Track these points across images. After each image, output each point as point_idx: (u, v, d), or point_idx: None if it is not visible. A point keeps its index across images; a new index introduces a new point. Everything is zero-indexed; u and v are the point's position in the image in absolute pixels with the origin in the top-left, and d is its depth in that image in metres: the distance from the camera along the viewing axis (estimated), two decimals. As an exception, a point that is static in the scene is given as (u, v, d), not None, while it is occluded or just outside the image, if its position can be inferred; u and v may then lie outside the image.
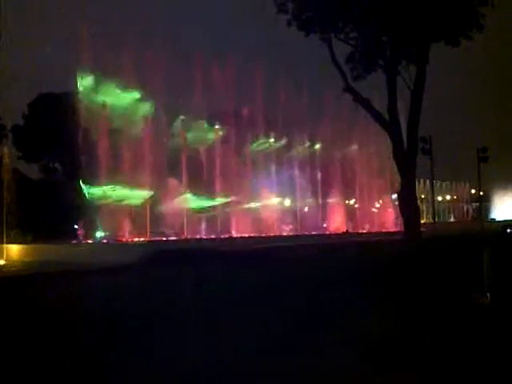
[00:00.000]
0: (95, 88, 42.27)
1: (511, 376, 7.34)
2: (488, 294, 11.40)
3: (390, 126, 36.76)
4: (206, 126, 49.42)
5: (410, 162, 36.63)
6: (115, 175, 40.66)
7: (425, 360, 8.13)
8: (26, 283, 21.16)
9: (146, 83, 43.45)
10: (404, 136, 36.81)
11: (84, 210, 40.87)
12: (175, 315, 11.97)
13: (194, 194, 46.11)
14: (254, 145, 51.87)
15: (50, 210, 43.24)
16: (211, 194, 47.69)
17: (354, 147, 59.70)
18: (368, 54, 36.74)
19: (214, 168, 47.73)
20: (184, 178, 45.25)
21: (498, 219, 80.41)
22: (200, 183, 46.27)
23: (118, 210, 41.42)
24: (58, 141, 43.84)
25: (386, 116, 36.95)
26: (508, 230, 44.66)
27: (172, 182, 45.23)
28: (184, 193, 45.34)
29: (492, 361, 7.97)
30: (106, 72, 41.94)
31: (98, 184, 41.03)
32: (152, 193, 42.81)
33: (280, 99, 51.77)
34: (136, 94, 44.30)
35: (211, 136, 49.49)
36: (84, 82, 42.02)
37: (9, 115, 51.33)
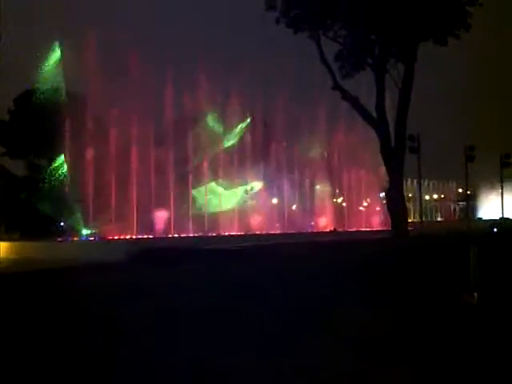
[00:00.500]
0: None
1: (496, 368, 7.32)
2: (475, 294, 11.37)
3: (377, 124, 36.89)
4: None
5: (397, 160, 36.75)
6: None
7: (415, 356, 8.10)
8: (14, 281, 20.99)
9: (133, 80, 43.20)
10: (392, 134, 36.93)
11: (70, 208, 40.63)
12: (161, 311, 11.88)
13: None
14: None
15: (36, 207, 42.87)
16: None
17: (342, 145, 59.66)
18: (356, 52, 36.84)
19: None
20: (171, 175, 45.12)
21: (484, 218, 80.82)
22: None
23: (104, 207, 41.17)
24: (44, 137, 43.40)
25: (374, 114, 37.05)
26: (494, 230, 44.91)
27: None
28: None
29: (479, 356, 8.01)
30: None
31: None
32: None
33: (268, 97, 51.75)
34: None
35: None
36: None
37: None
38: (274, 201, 55.24)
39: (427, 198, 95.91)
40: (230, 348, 8.72)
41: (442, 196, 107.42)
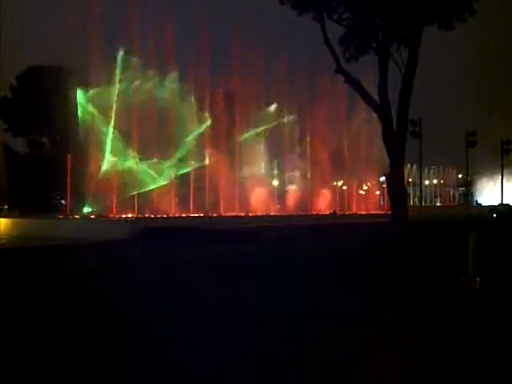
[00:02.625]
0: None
1: (496, 349, 7.50)
2: (477, 278, 11.52)
3: (380, 107, 36.78)
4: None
5: (399, 144, 36.73)
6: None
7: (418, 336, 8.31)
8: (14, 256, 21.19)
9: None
10: (394, 119, 36.88)
11: (71, 185, 40.71)
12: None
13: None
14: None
15: (37, 184, 43.02)
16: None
17: (344, 128, 59.66)
18: (360, 35, 36.63)
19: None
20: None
21: (483, 204, 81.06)
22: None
23: (105, 185, 41.26)
24: (46, 115, 43.41)
25: (377, 98, 36.97)
26: (494, 215, 45.08)
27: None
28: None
29: (480, 336, 8.21)
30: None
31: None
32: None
33: (271, 76, 51.70)
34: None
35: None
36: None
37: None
38: (275, 183, 55.38)
39: (427, 183, 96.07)
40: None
41: (442, 181, 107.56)
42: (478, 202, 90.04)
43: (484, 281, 11.48)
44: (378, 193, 65.51)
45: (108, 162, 42.03)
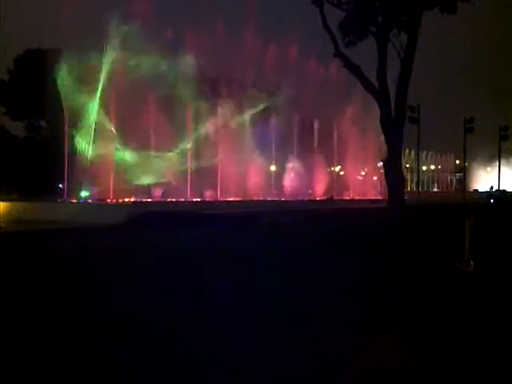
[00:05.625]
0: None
1: (490, 332, 7.61)
2: (471, 262, 11.65)
3: (378, 93, 36.78)
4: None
5: (397, 130, 36.78)
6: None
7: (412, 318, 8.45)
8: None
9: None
10: (392, 104, 36.90)
11: (69, 169, 40.58)
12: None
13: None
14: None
15: (35, 168, 42.94)
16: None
17: (340, 114, 59.50)
18: (359, 19, 36.54)
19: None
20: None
21: (480, 190, 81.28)
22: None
23: (103, 169, 41.11)
24: (44, 98, 43.18)
25: (375, 83, 36.95)
26: (491, 201, 45.21)
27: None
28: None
29: (475, 318, 8.32)
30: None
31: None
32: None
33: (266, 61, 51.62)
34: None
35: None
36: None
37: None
38: (272, 168, 55.36)
39: (424, 168, 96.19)
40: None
41: (439, 167, 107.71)
42: (475, 188, 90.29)
43: (478, 265, 11.61)
44: (375, 178, 65.51)
45: (95, 147, 41.31)
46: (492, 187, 64.36)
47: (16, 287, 10.70)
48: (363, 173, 66.94)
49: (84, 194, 41.15)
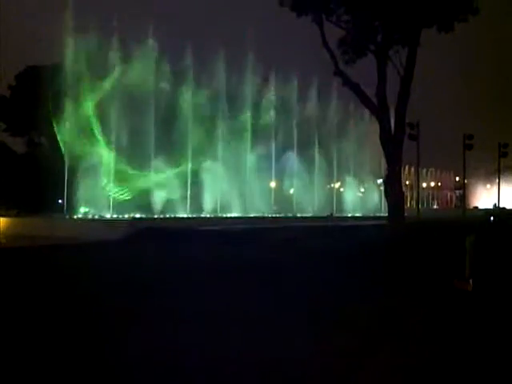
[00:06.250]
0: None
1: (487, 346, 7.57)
2: (471, 281, 11.59)
3: (378, 110, 36.98)
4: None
5: (396, 147, 36.91)
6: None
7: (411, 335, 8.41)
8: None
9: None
10: (392, 122, 37.08)
11: (68, 185, 40.65)
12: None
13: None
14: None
15: (35, 183, 42.94)
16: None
17: (341, 130, 59.68)
18: (359, 37, 36.83)
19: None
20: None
21: (480, 207, 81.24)
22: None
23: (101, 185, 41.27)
24: (45, 114, 43.34)
25: (375, 101, 37.15)
26: (491, 218, 45.03)
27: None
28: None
29: (471, 333, 8.38)
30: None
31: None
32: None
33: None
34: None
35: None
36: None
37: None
38: (272, 184, 55.36)
39: (424, 185, 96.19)
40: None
41: (439, 184, 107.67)
42: (475, 205, 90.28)
43: (477, 283, 11.55)
44: (375, 195, 65.53)
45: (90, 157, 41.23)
46: (495, 205, 64.27)
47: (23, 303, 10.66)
48: (363, 189, 66.97)
49: (83, 210, 41.16)
